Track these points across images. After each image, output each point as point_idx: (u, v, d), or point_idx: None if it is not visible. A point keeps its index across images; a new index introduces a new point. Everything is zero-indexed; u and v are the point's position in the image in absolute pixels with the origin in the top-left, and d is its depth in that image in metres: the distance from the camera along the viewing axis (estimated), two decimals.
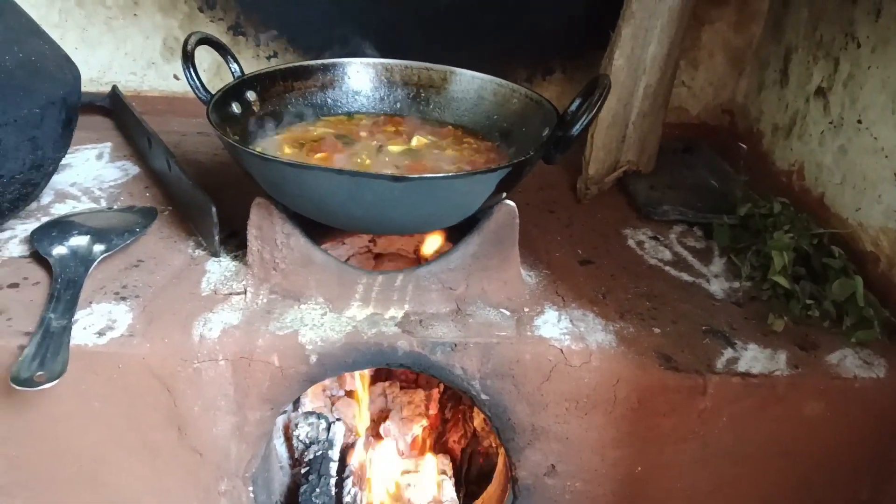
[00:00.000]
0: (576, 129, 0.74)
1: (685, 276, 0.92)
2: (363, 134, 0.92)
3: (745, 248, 0.93)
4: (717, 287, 0.89)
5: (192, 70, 0.81)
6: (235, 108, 0.85)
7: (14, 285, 0.80)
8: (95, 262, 0.81)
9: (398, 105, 0.99)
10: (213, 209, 0.83)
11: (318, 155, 0.84)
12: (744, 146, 1.12)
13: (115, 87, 1.22)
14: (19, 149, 0.79)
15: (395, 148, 0.88)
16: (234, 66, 0.87)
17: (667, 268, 0.94)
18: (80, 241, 0.84)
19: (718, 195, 1.09)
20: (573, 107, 0.82)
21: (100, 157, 1.12)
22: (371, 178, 0.66)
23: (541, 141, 0.81)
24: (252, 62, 1.24)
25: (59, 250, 0.82)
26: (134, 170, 1.09)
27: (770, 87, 1.20)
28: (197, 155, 1.15)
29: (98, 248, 0.83)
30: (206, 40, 0.84)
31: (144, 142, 1.09)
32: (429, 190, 0.68)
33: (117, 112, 1.21)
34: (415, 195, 0.68)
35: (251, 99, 0.88)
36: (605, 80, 0.76)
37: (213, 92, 0.82)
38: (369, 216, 0.71)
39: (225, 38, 1.21)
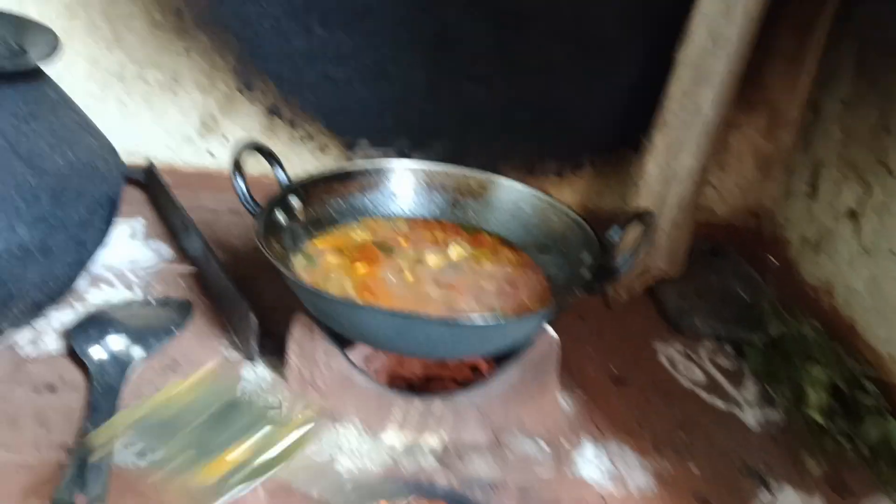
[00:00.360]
0: (622, 266, 0.75)
1: (719, 403, 0.92)
2: (401, 241, 0.93)
3: (778, 376, 0.94)
4: (751, 417, 0.89)
5: (241, 181, 0.81)
6: (281, 217, 0.85)
7: (51, 387, 0.80)
8: (134, 368, 0.81)
9: (436, 210, 0.99)
10: (252, 316, 0.83)
11: (361, 268, 0.85)
12: (773, 259, 1.13)
13: (150, 162, 1.23)
14: (66, 252, 0.80)
15: (434, 260, 0.88)
16: (281, 174, 0.88)
17: (700, 391, 0.94)
18: (118, 343, 0.83)
19: (747, 308, 1.10)
20: (613, 233, 0.83)
21: (133, 235, 1.13)
22: (424, 321, 0.66)
23: (582, 268, 0.82)
24: (287, 143, 1.25)
25: (97, 353, 0.82)
26: (167, 252, 1.09)
27: (798, 196, 1.21)
28: (230, 237, 1.16)
29: (136, 351, 0.83)
30: (256, 147, 0.85)
31: (180, 224, 1.09)
32: (478, 331, 0.68)
33: (152, 187, 1.22)
34: (464, 335, 0.68)
35: (296, 206, 0.88)
36: (651, 220, 0.77)
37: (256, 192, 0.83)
38: (417, 349, 0.72)
39: (262, 120, 1.23)
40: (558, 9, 1.13)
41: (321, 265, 0.85)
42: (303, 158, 1.26)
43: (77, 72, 1.19)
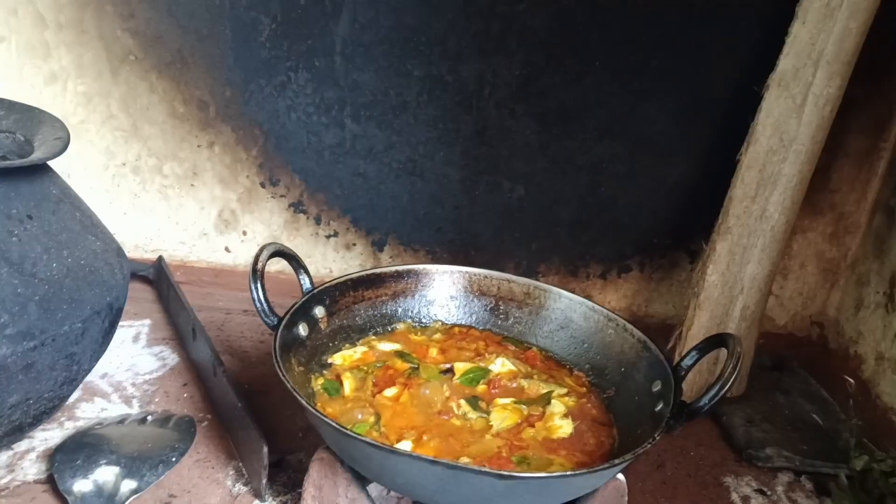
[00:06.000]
0: (705, 404, 0.63)
1: None
2: (436, 355, 0.82)
3: None
4: None
5: (260, 290, 0.71)
6: (302, 329, 0.75)
7: None
8: None
9: (476, 319, 0.89)
10: (265, 449, 0.72)
11: (388, 392, 0.73)
12: (851, 381, 1.01)
13: (160, 259, 1.14)
14: (54, 368, 0.69)
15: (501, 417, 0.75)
16: (305, 280, 0.78)
17: None
18: (106, 474, 0.72)
19: (824, 436, 0.97)
20: (687, 360, 0.71)
21: (136, 338, 1.03)
22: (472, 473, 0.54)
23: (650, 398, 0.70)
24: (310, 240, 1.16)
25: (81, 486, 0.70)
26: (172, 359, 0.99)
27: (871, 308, 1.09)
28: (241, 341, 1.06)
29: (127, 486, 0.71)
30: (280, 253, 0.75)
31: (188, 329, 0.99)
32: (540, 485, 0.56)
33: (160, 285, 1.13)
34: (522, 490, 0.56)
35: (319, 316, 0.78)
36: (736, 346, 0.65)
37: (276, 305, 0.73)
38: (461, 502, 0.59)
39: (284, 215, 1.14)
40: (607, 106, 1.06)
41: (342, 389, 0.73)
42: (326, 256, 1.17)
43: (90, 163, 1.13)
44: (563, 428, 0.71)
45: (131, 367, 0.96)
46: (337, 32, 1.03)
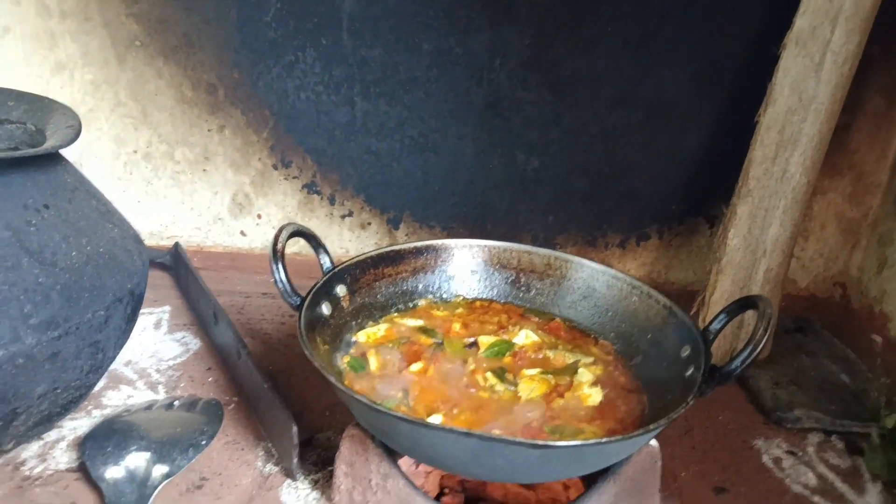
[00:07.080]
0: (737, 366, 0.62)
1: None
2: (460, 329, 0.81)
3: None
4: None
5: (281, 270, 0.71)
6: (325, 308, 0.74)
7: None
8: (156, 491, 0.69)
9: (497, 292, 0.88)
10: (295, 428, 0.72)
11: (412, 371, 0.72)
12: (878, 339, 1.00)
13: (177, 245, 1.14)
14: (79, 357, 0.69)
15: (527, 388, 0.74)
16: (325, 259, 0.77)
17: (815, 498, 0.80)
18: (137, 460, 0.72)
19: (851, 395, 0.96)
20: (716, 324, 0.70)
21: (158, 325, 1.03)
22: (506, 444, 0.53)
23: (679, 363, 0.70)
24: (325, 221, 1.15)
25: (113, 473, 0.70)
26: (195, 344, 0.99)
27: (895, 267, 1.08)
28: (262, 323, 1.05)
29: (158, 470, 0.71)
30: (299, 233, 0.75)
31: (209, 314, 0.99)
32: (573, 453, 0.56)
33: (178, 271, 1.12)
34: (555, 459, 0.56)
35: (340, 294, 0.78)
36: (766, 308, 0.64)
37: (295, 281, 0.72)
38: (493, 473, 0.59)
39: (298, 197, 1.14)
40: (620, 73, 1.04)
41: (369, 366, 0.73)
42: (342, 236, 1.16)
43: (101, 152, 1.12)
44: (593, 396, 0.70)
45: (154, 354, 0.96)
46: (343, 8, 1.01)
